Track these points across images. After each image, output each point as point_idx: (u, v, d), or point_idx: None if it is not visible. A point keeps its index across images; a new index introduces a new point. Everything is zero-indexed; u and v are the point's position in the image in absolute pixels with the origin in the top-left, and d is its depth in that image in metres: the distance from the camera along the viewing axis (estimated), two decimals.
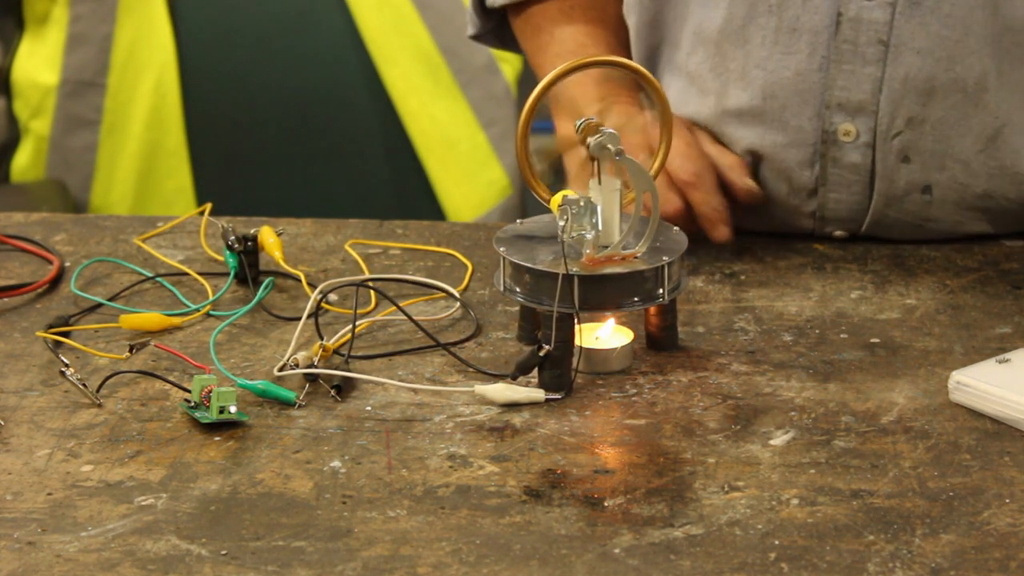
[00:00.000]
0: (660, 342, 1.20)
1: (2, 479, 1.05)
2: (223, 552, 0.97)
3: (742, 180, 1.36)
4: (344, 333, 1.21)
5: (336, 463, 1.06)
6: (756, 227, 1.40)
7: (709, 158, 1.36)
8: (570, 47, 1.43)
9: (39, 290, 1.31)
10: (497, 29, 1.55)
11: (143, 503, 1.02)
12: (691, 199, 1.33)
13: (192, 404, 1.11)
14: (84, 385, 1.14)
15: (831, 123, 1.35)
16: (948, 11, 1.31)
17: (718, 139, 1.39)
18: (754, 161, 1.39)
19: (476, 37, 1.56)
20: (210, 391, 1.10)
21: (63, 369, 1.16)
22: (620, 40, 1.45)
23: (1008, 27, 1.32)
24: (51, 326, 1.23)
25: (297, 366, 1.15)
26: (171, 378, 1.15)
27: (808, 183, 1.38)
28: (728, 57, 1.37)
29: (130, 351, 1.18)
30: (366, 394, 1.15)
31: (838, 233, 1.39)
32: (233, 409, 1.09)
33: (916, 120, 1.34)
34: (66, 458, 1.07)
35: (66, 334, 1.23)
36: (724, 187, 1.36)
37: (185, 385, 1.13)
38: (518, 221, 1.23)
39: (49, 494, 1.03)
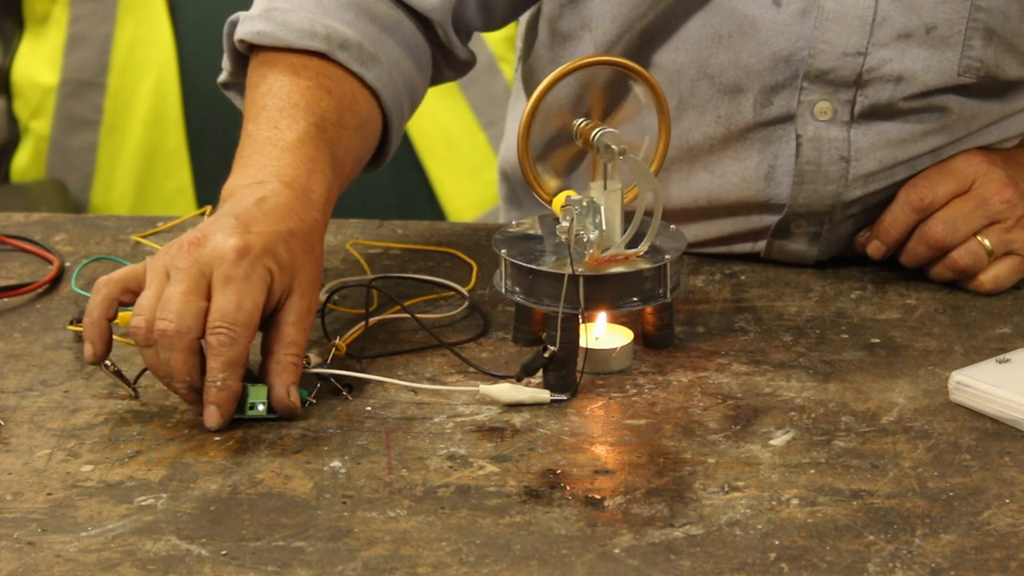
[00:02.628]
0: (657, 341, 1.20)
1: (2, 479, 1.05)
2: (223, 552, 0.97)
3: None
4: (352, 332, 1.21)
5: (336, 463, 1.06)
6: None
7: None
8: (281, 96, 1.24)
9: (39, 290, 1.31)
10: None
11: (143, 503, 1.02)
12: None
13: None
14: (122, 376, 1.14)
15: (784, 220, 1.33)
16: (904, 116, 1.30)
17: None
18: (695, 241, 1.37)
19: (226, 86, 1.37)
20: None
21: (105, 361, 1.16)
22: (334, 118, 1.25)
23: (961, 115, 1.31)
24: (77, 320, 1.23)
25: (309, 364, 1.15)
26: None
27: (749, 254, 1.37)
28: (670, 159, 1.33)
29: None
30: (366, 394, 1.15)
31: None
32: (261, 407, 1.10)
33: (871, 205, 1.33)
34: (66, 458, 1.07)
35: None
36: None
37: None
38: (513, 222, 1.23)
39: (49, 494, 1.03)
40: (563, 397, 1.13)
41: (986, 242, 1.29)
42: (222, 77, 1.36)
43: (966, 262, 1.29)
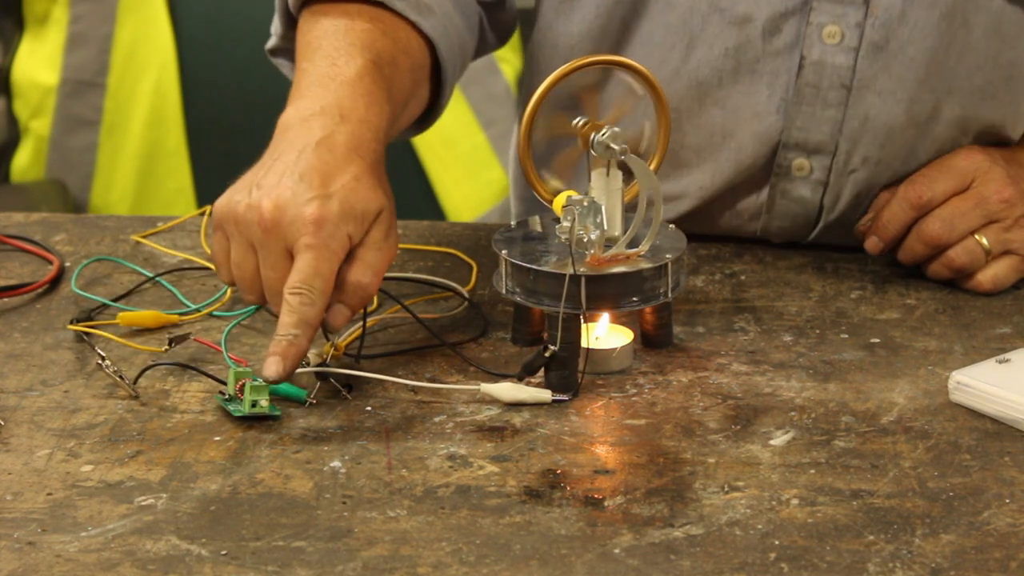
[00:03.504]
0: (656, 340, 1.21)
1: (2, 479, 1.05)
2: (223, 552, 0.97)
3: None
4: (351, 332, 1.21)
5: (336, 463, 1.06)
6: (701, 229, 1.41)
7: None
8: (337, 36, 1.23)
9: (39, 290, 1.31)
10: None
11: (143, 503, 1.02)
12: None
13: (227, 397, 1.12)
14: (121, 376, 1.14)
15: (786, 158, 1.35)
16: (912, 55, 1.31)
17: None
18: (702, 194, 1.38)
19: (274, 52, 1.38)
20: (243, 384, 1.10)
21: (99, 361, 1.16)
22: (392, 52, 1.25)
23: (966, 67, 1.32)
24: (77, 320, 1.23)
25: (308, 364, 1.15)
26: (185, 374, 1.16)
27: (753, 208, 1.38)
28: (679, 97, 1.35)
29: (169, 345, 1.18)
30: (366, 394, 1.15)
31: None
32: (264, 403, 1.10)
33: (872, 160, 1.34)
34: (66, 458, 1.07)
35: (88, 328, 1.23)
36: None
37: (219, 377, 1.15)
38: (512, 223, 1.23)
39: (49, 494, 1.03)
40: (565, 397, 1.13)
41: (984, 241, 1.29)
42: (271, 43, 1.37)
43: (963, 261, 1.29)
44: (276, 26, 1.35)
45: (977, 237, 1.29)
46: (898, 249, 1.32)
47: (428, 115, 1.33)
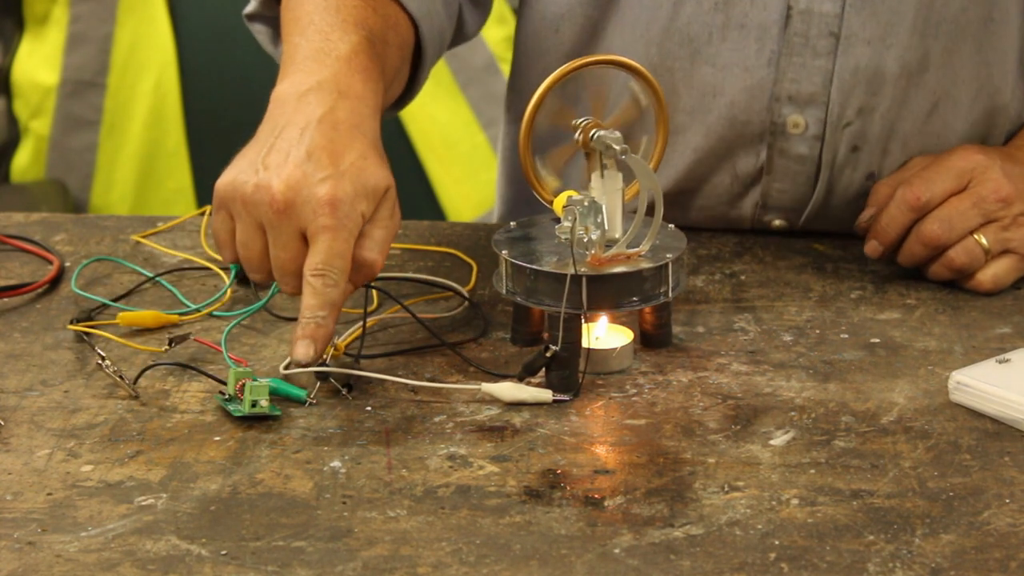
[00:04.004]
0: (655, 340, 1.21)
1: (2, 479, 1.05)
2: (223, 552, 0.97)
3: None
4: (351, 332, 1.21)
5: (336, 463, 1.06)
6: (694, 220, 1.41)
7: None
8: (329, 11, 1.23)
9: (39, 290, 1.31)
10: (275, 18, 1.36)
11: (143, 503, 1.02)
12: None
13: (227, 397, 1.12)
14: (121, 376, 1.14)
15: (780, 115, 1.36)
16: (896, 0, 1.32)
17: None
18: (697, 155, 1.39)
19: (251, 17, 1.36)
20: (243, 384, 1.10)
21: (99, 361, 1.16)
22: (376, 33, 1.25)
23: (948, 11, 1.33)
24: (77, 320, 1.23)
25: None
26: (185, 374, 1.16)
27: (752, 172, 1.39)
28: (673, 56, 1.36)
29: (169, 344, 1.18)
30: (366, 394, 1.15)
31: (777, 223, 1.40)
32: (264, 403, 1.10)
33: (866, 109, 1.35)
34: (66, 458, 1.07)
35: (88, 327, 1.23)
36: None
37: (220, 377, 1.15)
38: (511, 223, 1.23)
39: (49, 494, 1.03)
40: (566, 397, 1.13)
41: (983, 240, 1.29)
42: (250, 8, 1.36)
43: (963, 261, 1.29)
44: None
45: (976, 237, 1.29)
46: (897, 252, 1.32)
47: (403, 97, 1.33)
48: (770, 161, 1.37)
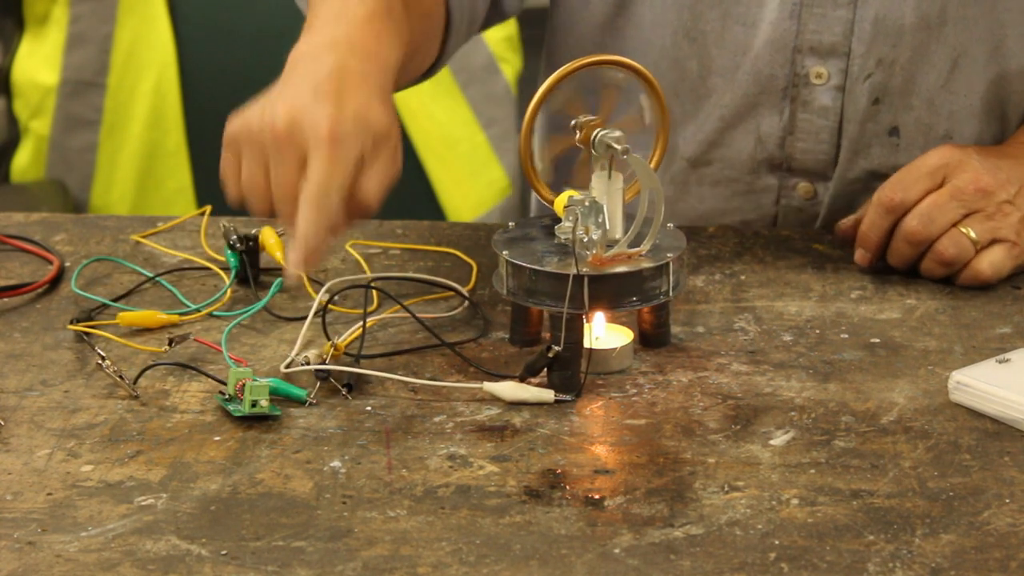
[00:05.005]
0: (654, 339, 1.21)
1: (2, 479, 1.05)
2: (223, 552, 0.97)
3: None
4: (351, 332, 1.21)
5: (336, 463, 1.06)
6: (720, 204, 1.42)
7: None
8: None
9: (39, 290, 1.31)
10: None
11: (143, 503, 1.02)
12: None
13: (227, 397, 1.12)
14: (121, 376, 1.14)
15: (802, 66, 1.38)
16: None
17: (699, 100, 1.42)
18: (722, 113, 1.40)
19: None
20: (243, 384, 1.10)
21: (99, 361, 1.16)
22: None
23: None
24: (77, 320, 1.23)
25: (308, 363, 1.15)
26: (185, 374, 1.16)
27: (776, 130, 1.40)
28: (704, 19, 1.39)
29: (169, 345, 1.18)
30: (366, 394, 1.15)
31: (802, 186, 1.41)
32: (264, 403, 1.10)
33: (887, 61, 1.37)
34: (66, 458, 1.07)
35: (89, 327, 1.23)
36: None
37: (221, 377, 1.15)
38: (509, 224, 1.23)
39: (49, 494, 1.03)
40: (568, 398, 1.13)
41: (971, 233, 1.29)
42: None
43: (951, 253, 1.29)
44: None
45: (963, 229, 1.29)
46: (887, 255, 1.32)
47: (430, 69, 1.36)
48: (792, 117, 1.40)
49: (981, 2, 1.36)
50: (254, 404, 1.10)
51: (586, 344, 1.16)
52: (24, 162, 2.53)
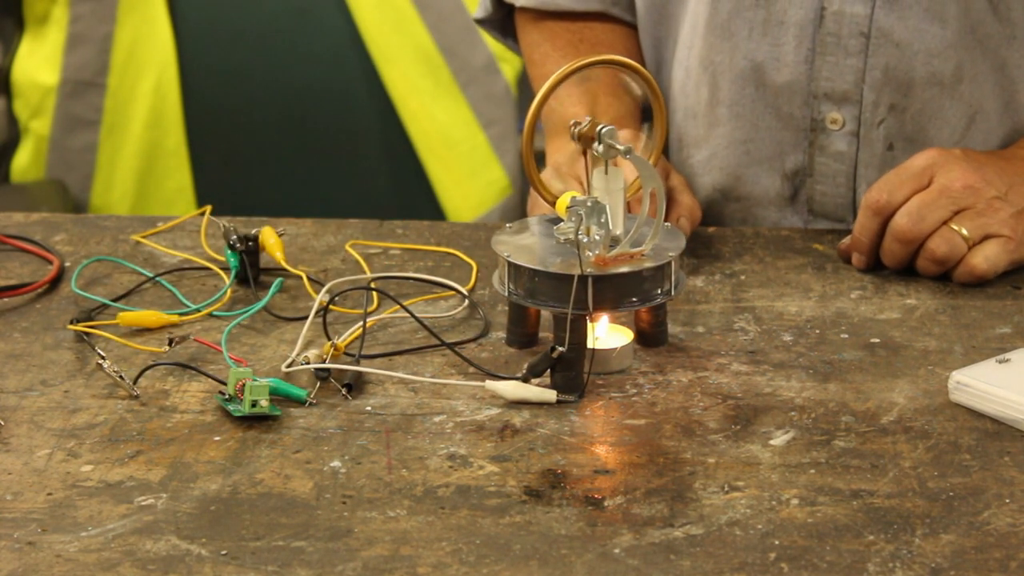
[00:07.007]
0: (652, 338, 1.21)
1: (2, 479, 1.05)
2: (223, 552, 0.97)
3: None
4: (351, 332, 1.21)
5: (336, 463, 1.06)
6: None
7: None
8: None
9: (39, 290, 1.31)
10: (504, 20, 1.58)
11: (143, 503, 1.02)
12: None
13: (227, 397, 1.12)
14: (121, 377, 1.15)
15: (819, 112, 1.40)
16: (926, 6, 1.36)
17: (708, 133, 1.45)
18: (747, 148, 1.43)
19: (480, 21, 1.59)
20: (243, 384, 1.10)
21: (99, 361, 1.16)
22: (615, 93, 1.45)
23: (979, 20, 1.36)
24: (77, 320, 1.24)
25: (309, 363, 1.15)
26: (185, 374, 1.16)
27: (798, 168, 1.42)
28: (715, 50, 1.42)
29: (169, 344, 1.18)
30: (366, 394, 1.15)
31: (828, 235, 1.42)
32: (265, 403, 1.10)
33: (898, 108, 1.39)
34: (66, 458, 1.07)
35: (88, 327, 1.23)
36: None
37: (221, 377, 1.15)
38: (507, 225, 1.23)
39: (49, 494, 1.03)
40: (571, 398, 1.13)
41: (962, 230, 1.29)
42: (479, 14, 1.59)
43: (943, 251, 1.29)
44: (484, 2, 1.56)
45: (954, 227, 1.29)
46: (881, 256, 1.33)
47: None
48: (811, 160, 1.41)
49: (990, 62, 1.38)
50: (254, 404, 1.10)
51: (590, 345, 1.16)
52: (24, 162, 2.53)
